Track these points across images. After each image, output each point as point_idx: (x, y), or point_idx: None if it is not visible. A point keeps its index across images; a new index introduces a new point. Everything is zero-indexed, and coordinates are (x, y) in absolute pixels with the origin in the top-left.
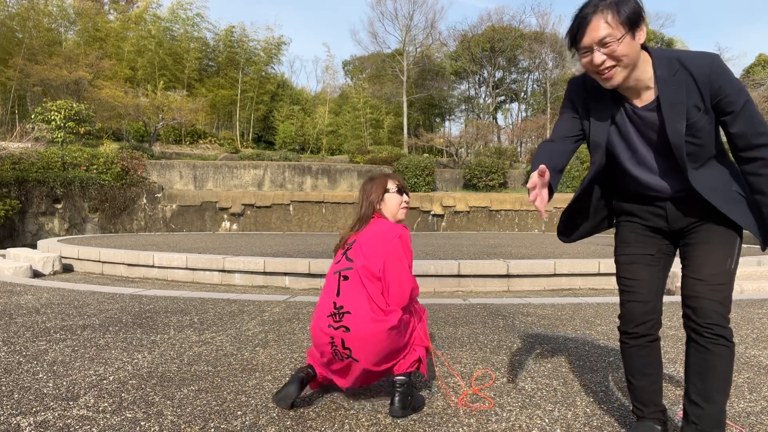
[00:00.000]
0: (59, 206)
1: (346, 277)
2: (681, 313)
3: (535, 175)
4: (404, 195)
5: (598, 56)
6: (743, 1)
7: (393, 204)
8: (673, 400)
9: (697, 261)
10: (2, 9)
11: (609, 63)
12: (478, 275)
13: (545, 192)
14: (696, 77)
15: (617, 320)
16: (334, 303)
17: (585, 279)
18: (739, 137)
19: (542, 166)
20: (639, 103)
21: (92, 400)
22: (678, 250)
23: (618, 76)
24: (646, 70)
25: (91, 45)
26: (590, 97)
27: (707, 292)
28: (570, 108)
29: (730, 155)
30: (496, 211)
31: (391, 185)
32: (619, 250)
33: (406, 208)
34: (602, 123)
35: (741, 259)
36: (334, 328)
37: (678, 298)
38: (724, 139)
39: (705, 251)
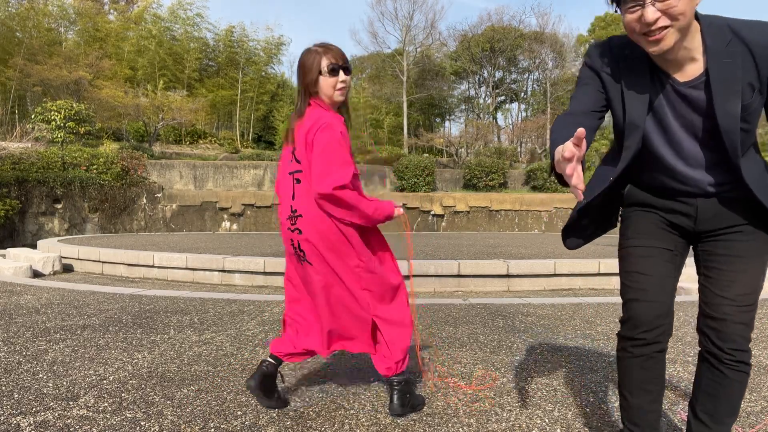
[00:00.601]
0: (59, 206)
1: (298, 180)
2: (682, 314)
3: (569, 144)
4: (340, 74)
5: (652, 12)
6: (743, 1)
7: (327, 87)
8: (672, 400)
9: (727, 276)
10: (2, 9)
11: (663, 22)
12: (478, 275)
13: (580, 168)
14: (753, 49)
15: (618, 324)
16: (291, 206)
17: (585, 279)
18: None
19: (581, 129)
20: (681, 77)
21: (92, 400)
22: (695, 254)
23: (669, 39)
24: (694, 38)
25: (91, 45)
26: (622, 68)
27: (735, 314)
28: (593, 78)
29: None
30: (496, 211)
31: (324, 64)
32: (629, 241)
33: (343, 89)
34: (640, 98)
35: None
36: (291, 231)
37: (680, 297)
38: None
39: (737, 266)
